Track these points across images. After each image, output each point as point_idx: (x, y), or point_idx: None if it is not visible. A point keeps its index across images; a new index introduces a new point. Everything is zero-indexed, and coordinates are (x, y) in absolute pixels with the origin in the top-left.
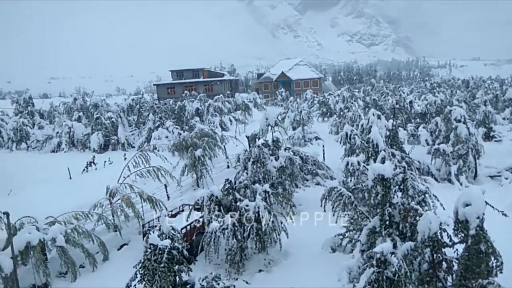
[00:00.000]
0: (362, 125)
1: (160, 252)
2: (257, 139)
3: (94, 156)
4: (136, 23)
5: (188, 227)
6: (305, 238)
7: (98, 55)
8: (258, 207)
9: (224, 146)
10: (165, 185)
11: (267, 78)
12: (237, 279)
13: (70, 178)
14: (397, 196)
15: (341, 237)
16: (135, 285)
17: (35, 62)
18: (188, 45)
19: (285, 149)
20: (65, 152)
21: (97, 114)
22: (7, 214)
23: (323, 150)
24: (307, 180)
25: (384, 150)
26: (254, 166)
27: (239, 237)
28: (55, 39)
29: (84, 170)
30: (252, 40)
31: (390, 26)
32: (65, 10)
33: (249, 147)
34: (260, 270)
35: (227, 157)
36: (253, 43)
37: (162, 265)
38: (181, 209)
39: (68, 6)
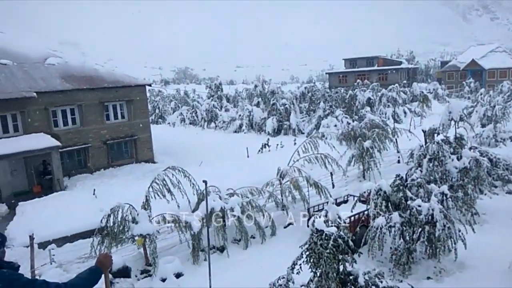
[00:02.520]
0: None
1: (326, 238)
2: (435, 135)
3: (268, 139)
4: (312, 12)
5: (353, 218)
6: (487, 252)
7: (277, 45)
8: (433, 210)
9: (396, 139)
10: (331, 173)
11: (452, 67)
12: (401, 281)
13: (248, 156)
14: None
15: None
16: (300, 264)
17: (225, 52)
18: (364, 32)
19: (470, 148)
20: (244, 133)
21: (273, 100)
22: (205, 182)
23: None
24: (496, 187)
25: None
26: (431, 164)
27: (407, 238)
28: (243, 31)
29: (259, 150)
30: (436, 24)
31: None
32: (250, 7)
33: (425, 142)
34: (428, 278)
35: (398, 151)
36: (437, 27)
37: (327, 251)
38: (345, 199)
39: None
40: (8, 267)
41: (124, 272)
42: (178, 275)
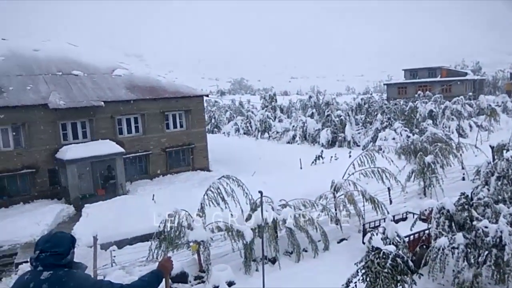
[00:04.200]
0: None
1: (384, 256)
2: (504, 151)
3: (322, 151)
4: (370, 21)
5: (412, 236)
6: None
7: (333, 56)
8: (501, 232)
9: (461, 155)
10: (388, 188)
11: None
12: None
13: (301, 168)
14: None
15: None
16: (355, 282)
17: (280, 63)
18: (426, 41)
19: None
20: (298, 144)
21: (328, 111)
22: (261, 192)
23: None
24: None
25: None
26: (499, 183)
27: (472, 261)
28: (299, 42)
29: (312, 162)
30: (506, 32)
31: None
32: (306, 19)
33: (493, 159)
34: None
35: (463, 168)
36: (507, 36)
37: (385, 270)
38: (404, 216)
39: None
40: (77, 267)
41: (182, 277)
42: (230, 284)
